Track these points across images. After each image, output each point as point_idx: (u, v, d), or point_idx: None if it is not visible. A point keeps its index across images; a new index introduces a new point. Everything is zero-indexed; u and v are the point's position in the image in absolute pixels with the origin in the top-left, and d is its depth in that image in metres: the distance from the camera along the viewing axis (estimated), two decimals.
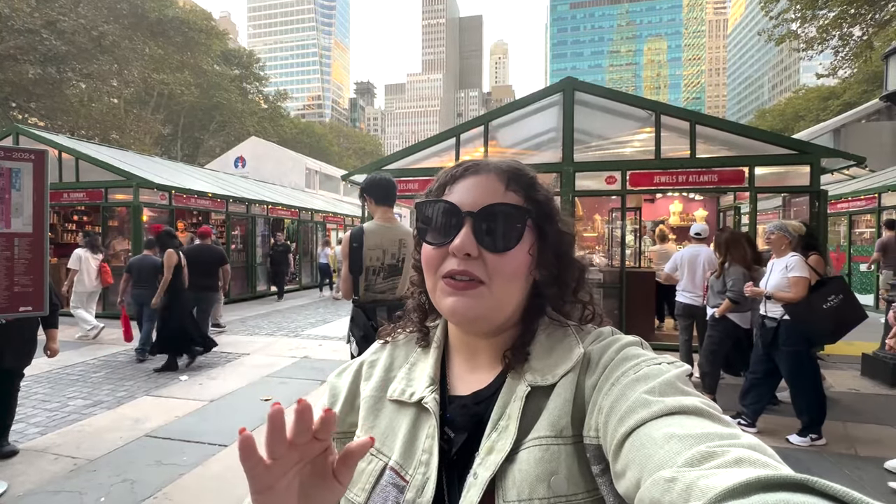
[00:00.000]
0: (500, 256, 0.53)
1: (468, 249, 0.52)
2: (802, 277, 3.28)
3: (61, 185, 8.83)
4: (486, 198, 0.54)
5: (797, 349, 3.32)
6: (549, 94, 6.21)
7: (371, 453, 0.55)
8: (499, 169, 0.57)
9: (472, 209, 0.53)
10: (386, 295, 2.60)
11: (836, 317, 3.21)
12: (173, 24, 26.95)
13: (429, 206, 0.56)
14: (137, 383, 4.77)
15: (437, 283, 0.55)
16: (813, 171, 5.43)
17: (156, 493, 2.69)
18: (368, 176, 2.74)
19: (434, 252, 0.55)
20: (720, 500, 0.27)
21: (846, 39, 15.17)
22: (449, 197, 0.56)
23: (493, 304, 0.54)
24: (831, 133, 15.87)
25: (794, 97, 36.57)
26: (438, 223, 0.55)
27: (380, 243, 2.59)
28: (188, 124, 31.80)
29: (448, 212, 0.55)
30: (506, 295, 0.54)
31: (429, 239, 0.56)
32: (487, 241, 0.53)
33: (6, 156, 2.77)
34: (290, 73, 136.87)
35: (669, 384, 0.43)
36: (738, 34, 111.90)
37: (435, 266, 0.55)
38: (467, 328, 0.57)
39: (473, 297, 0.53)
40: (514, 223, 0.54)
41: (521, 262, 0.55)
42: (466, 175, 0.57)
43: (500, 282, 0.53)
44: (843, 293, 3.25)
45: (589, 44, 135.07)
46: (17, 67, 20.08)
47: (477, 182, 0.56)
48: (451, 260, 0.53)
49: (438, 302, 0.56)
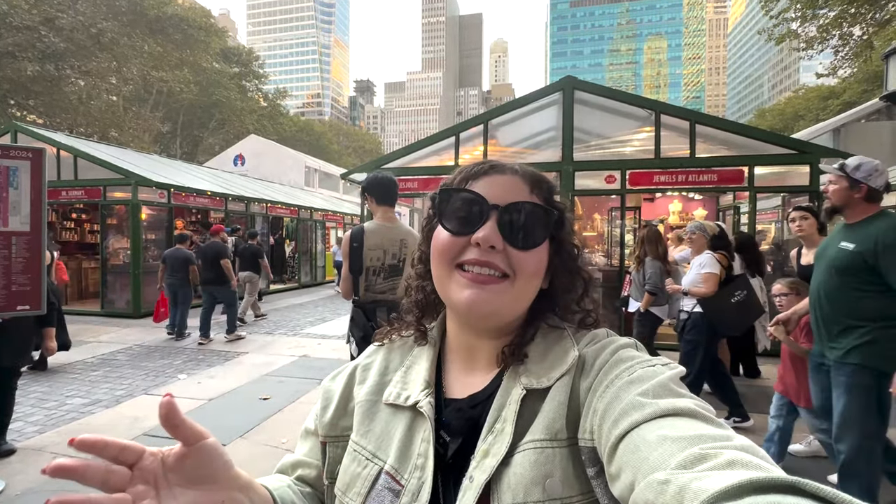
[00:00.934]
0: (524, 253, 0.53)
1: (493, 241, 0.52)
2: (713, 273, 3.55)
3: (60, 183, 8.81)
4: (512, 195, 0.55)
5: (696, 339, 3.56)
6: (549, 93, 6.21)
7: (366, 457, 0.55)
8: (524, 171, 0.58)
9: (499, 203, 0.54)
10: (386, 295, 2.59)
11: (740, 310, 3.50)
12: (172, 21, 26.88)
13: (451, 195, 0.56)
14: (136, 381, 4.77)
15: (452, 274, 0.54)
16: (812, 170, 5.43)
17: None
18: (370, 175, 2.73)
19: (452, 240, 0.54)
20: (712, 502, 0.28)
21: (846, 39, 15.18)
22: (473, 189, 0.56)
23: (511, 301, 0.54)
24: (831, 133, 15.85)
25: (793, 97, 36.63)
26: (461, 212, 0.55)
27: (380, 243, 2.58)
28: (187, 122, 31.75)
29: (473, 202, 0.54)
30: (524, 293, 0.55)
31: (448, 226, 0.55)
32: (512, 236, 0.53)
33: (4, 154, 2.76)
34: (290, 71, 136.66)
35: (663, 386, 0.44)
36: (738, 33, 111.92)
37: (451, 255, 0.54)
38: (477, 322, 0.56)
39: (493, 293, 0.53)
40: (540, 223, 0.55)
41: (542, 262, 0.55)
42: (491, 172, 0.57)
43: (522, 278, 0.53)
44: (748, 289, 3.53)
45: (589, 42, 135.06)
46: (15, 64, 20.03)
47: (502, 180, 0.57)
48: (473, 249, 0.53)
49: (450, 293, 0.55)
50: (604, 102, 6.21)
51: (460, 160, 6.32)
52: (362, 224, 2.67)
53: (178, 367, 5.32)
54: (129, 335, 7.00)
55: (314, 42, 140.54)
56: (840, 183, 2.17)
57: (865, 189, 2.12)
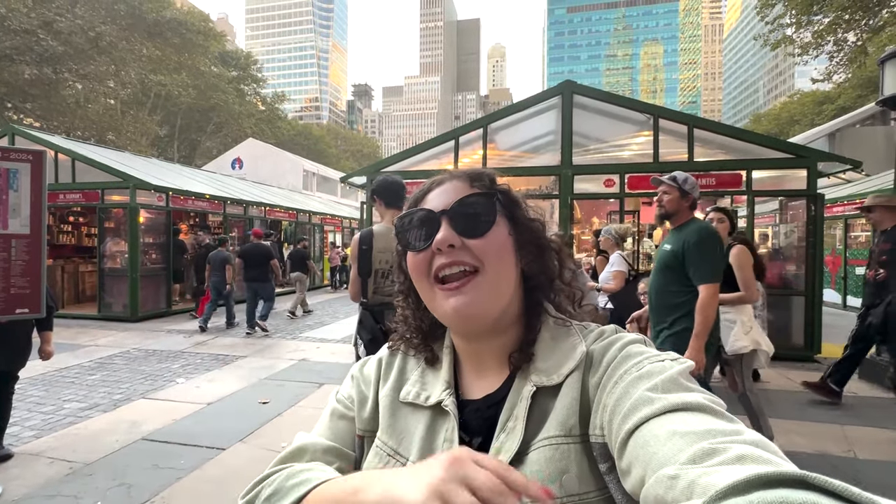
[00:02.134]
0: (483, 240, 0.55)
1: (450, 240, 0.55)
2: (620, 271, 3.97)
3: (57, 186, 8.78)
4: (455, 196, 0.58)
5: None
6: (548, 98, 6.24)
7: (389, 454, 0.56)
8: (461, 173, 0.61)
9: (445, 207, 0.57)
10: (394, 297, 2.58)
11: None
12: (171, 25, 26.90)
13: (406, 221, 0.59)
14: (134, 385, 4.74)
15: (434, 291, 0.56)
16: (810, 174, 5.47)
17: (153, 498, 2.67)
18: (379, 178, 2.73)
19: (420, 257, 0.57)
20: (721, 498, 0.28)
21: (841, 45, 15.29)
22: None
23: (492, 290, 0.55)
24: (826, 137, 15.98)
25: (789, 101, 36.83)
26: (418, 232, 0.57)
27: (389, 246, 2.57)
28: (185, 125, 31.72)
29: (424, 217, 0.57)
30: (500, 276, 0.56)
31: (412, 247, 0.58)
32: (466, 229, 0.55)
33: (4, 156, 2.76)
34: (288, 75, 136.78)
35: (672, 381, 0.44)
36: (733, 39, 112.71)
37: (424, 270, 0.57)
38: (471, 326, 0.57)
39: (472, 290, 0.54)
40: (486, 207, 0.57)
41: (504, 241, 0.57)
42: (434, 187, 0.61)
43: (491, 263, 0.55)
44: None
45: (586, 47, 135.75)
46: (13, 68, 20.00)
47: (444, 188, 0.60)
48: (439, 257, 0.55)
49: (439, 308, 0.56)
50: (603, 107, 6.25)
51: (460, 164, 6.34)
52: (371, 227, 2.68)
53: (176, 371, 5.29)
54: (126, 339, 6.96)
55: (312, 46, 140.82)
56: (673, 192, 2.49)
57: (691, 198, 2.50)
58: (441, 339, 0.64)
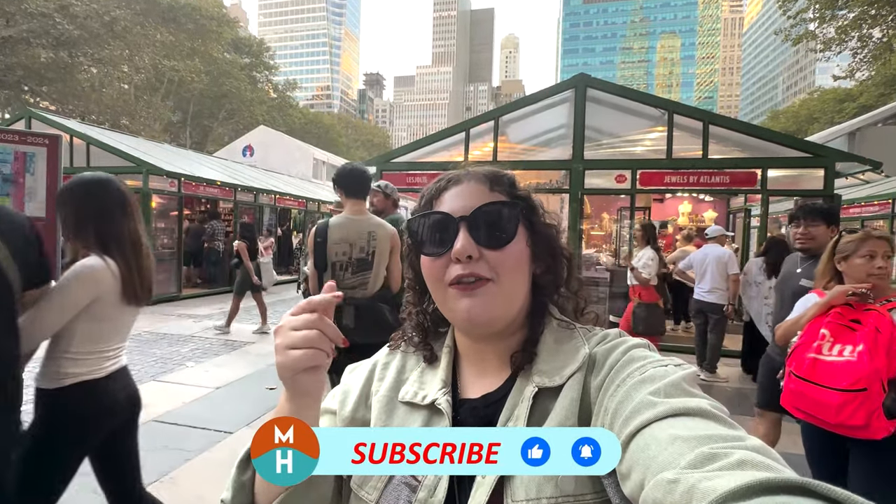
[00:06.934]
0: (501, 252, 0.55)
1: (469, 251, 0.54)
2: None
3: (72, 170, 8.86)
4: (474, 201, 0.56)
5: None
6: (561, 90, 6.16)
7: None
8: (479, 174, 0.59)
9: (464, 213, 0.55)
10: (356, 291, 2.51)
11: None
12: (185, 10, 26.99)
13: (421, 221, 0.58)
14: (144, 368, 4.83)
15: (447, 292, 0.56)
16: (827, 174, 5.34)
17: (162, 478, 2.73)
18: (341, 166, 2.66)
19: (435, 262, 0.56)
20: (721, 502, 0.28)
21: (865, 41, 14.89)
22: (438, 209, 0.58)
23: (504, 300, 0.55)
24: (846, 136, 15.57)
25: (808, 99, 36.00)
26: (434, 235, 0.57)
27: (346, 236, 2.51)
28: (197, 112, 31.89)
29: (442, 221, 0.56)
30: (514, 288, 0.56)
31: (427, 251, 0.57)
32: (485, 240, 0.55)
33: (21, 140, 2.80)
34: (300, 63, 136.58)
35: (675, 385, 0.44)
36: (753, 33, 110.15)
37: (439, 276, 0.56)
38: (482, 330, 0.57)
39: (485, 296, 0.54)
40: (508, 218, 0.56)
41: (521, 254, 0.57)
42: (450, 186, 0.59)
43: (506, 276, 0.55)
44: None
45: (601, 39, 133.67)
46: (29, 51, 20.23)
47: (462, 190, 0.58)
48: (455, 266, 0.55)
49: (451, 310, 0.56)
50: (616, 101, 6.15)
51: (470, 156, 6.30)
52: (328, 218, 2.62)
53: (185, 354, 5.38)
54: (138, 322, 7.02)
55: (325, 34, 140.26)
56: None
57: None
58: (442, 339, 0.65)
